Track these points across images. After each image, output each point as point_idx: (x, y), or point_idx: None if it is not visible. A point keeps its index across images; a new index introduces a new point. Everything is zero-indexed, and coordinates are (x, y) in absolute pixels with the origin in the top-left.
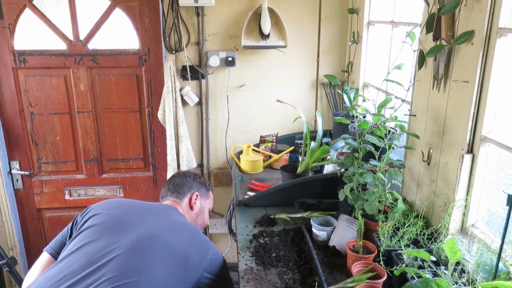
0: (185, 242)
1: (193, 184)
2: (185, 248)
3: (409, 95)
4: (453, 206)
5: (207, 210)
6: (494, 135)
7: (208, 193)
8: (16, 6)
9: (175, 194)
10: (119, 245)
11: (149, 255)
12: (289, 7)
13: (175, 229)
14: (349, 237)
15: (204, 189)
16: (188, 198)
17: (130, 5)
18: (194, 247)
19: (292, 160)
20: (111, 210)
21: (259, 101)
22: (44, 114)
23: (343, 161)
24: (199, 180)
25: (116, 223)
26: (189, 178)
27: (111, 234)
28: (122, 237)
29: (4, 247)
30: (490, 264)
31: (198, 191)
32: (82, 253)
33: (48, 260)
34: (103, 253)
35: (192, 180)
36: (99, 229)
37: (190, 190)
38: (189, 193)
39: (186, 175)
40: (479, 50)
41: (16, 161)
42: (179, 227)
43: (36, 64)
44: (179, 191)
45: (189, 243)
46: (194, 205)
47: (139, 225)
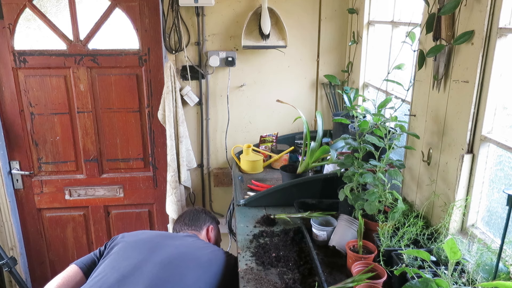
0: (208, 254)
1: (207, 218)
2: (209, 258)
3: (409, 95)
4: (453, 206)
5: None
6: (494, 135)
7: (218, 227)
8: (16, 6)
9: (193, 227)
10: (150, 261)
11: (179, 267)
12: (289, 7)
13: (197, 246)
14: (349, 237)
15: (215, 223)
16: (205, 231)
17: (130, 5)
18: (218, 256)
19: (292, 160)
20: (138, 235)
21: (259, 101)
22: (44, 114)
23: (343, 161)
24: (210, 214)
25: (144, 244)
26: (202, 213)
27: (141, 252)
28: (152, 254)
29: (4, 247)
30: (490, 264)
31: (211, 224)
32: (116, 269)
33: (75, 272)
34: (136, 268)
35: (205, 214)
36: (130, 249)
37: (206, 224)
38: (205, 226)
39: (199, 211)
40: (479, 50)
41: (16, 161)
42: (202, 245)
43: (36, 64)
44: (196, 224)
45: (212, 255)
46: (211, 237)
47: (166, 245)
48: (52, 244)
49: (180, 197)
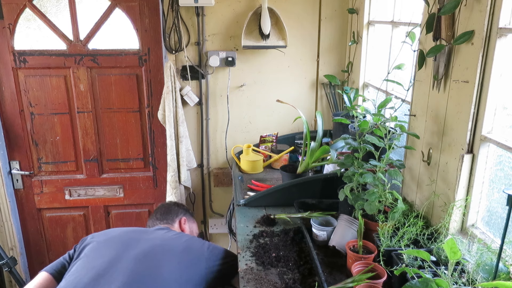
0: (183, 243)
1: (179, 210)
2: (184, 248)
3: (409, 95)
4: (453, 206)
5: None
6: (494, 135)
7: (193, 218)
8: (16, 6)
9: (165, 221)
10: (124, 257)
11: (154, 260)
12: (289, 7)
13: (170, 237)
14: (349, 237)
15: (189, 214)
16: (178, 223)
17: (130, 5)
18: (192, 245)
19: (292, 160)
20: (109, 233)
21: (259, 101)
22: (44, 114)
23: (343, 161)
24: (182, 207)
25: (117, 241)
26: (173, 206)
27: (114, 249)
28: (126, 250)
29: (4, 247)
30: (490, 264)
31: (184, 215)
32: (90, 268)
33: (46, 279)
34: (111, 265)
35: (177, 207)
36: (102, 247)
37: (178, 216)
38: (177, 218)
39: (170, 204)
40: (479, 50)
41: (16, 161)
42: (175, 235)
43: (36, 64)
44: (167, 217)
45: (187, 244)
46: (184, 229)
47: (139, 240)
48: (52, 244)
49: (180, 197)
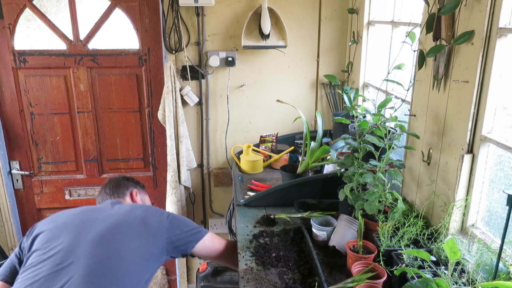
0: (140, 216)
1: (128, 184)
2: (141, 220)
3: (409, 95)
4: (453, 206)
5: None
6: (494, 135)
7: (144, 190)
8: (16, 6)
9: (115, 195)
10: (81, 242)
11: (113, 241)
12: (289, 7)
13: (125, 211)
14: (349, 237)
15: (140, 187)
16: (129, 196)
17: (130, 5)
18: (149, 216)
19: (292, 160)
20: (57, 219)
21: (259, 101)
22: (44, 114)
23: (343, 161)
24: (132, 180)
25: (68, 227)
26: (122, 180)
27: (68, 236)
28: (81, 235)
29: (4, 247)
30: (490, 264)
31: (135, 188)
32: (47, 261)
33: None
34: (68, 253)
35: (126, 180)
36: (54, 237)
37: (128, 189)
38: (128, 191)
39: (119, 178)
40: (479, 50)
41: (16, 161)
42: (130, 208)
43: (36, 64)
44: (118, 191)
45: (144, 214)
46: (136, 201)
47: (92, 221)
48: None
49: (180, 197)
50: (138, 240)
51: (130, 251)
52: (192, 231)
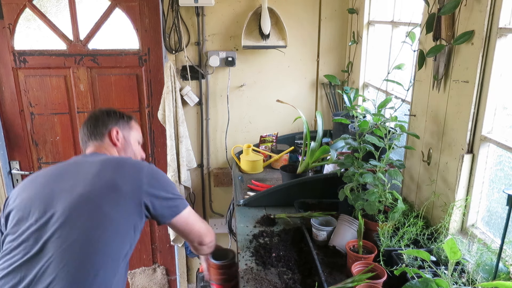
0: (109, 180)
1: (106, 121)
2: (112, 187)
3: (409, 95)
4: (453, 206)
5: (136, 142)
6: (494, 135)
7: (129, 124)
8: (16, 6)
9: (93, 137)
10: (47, 226)
11: (79, 221)
12: (289, 7)
13: (93, 176)
14: (349, 237)
15: (123, 121)
16: (108, 136)
17: (130, 5)
18: (121, 179)
19: (292, 160)
20: (24, 192)
21: (259, 101)
22: (44, 114)
23: (343, 161)
24: (114, 114)
25: (33, 203)
26: (103, 115)
27: (35, 217)
28: (45, 216)
29: None
30: (490, 264)
31: (116, 125)
32: (17, 250)
33: None
34: (37, 240)
35: (106, 116)
36: (21, 219)
37: (107, 127)
38: (106, 130)
39: (97, 114)
40: (479, 50)
41: (16, 161)
42: (98, 169)
43: (36, 64)
44: (96, 132)
45: (114, 177)
46: (116, 141)
47: (57, 197)
48: None
49: None
50: (110, 214)
51: (101, 230)
52: (172, 201)
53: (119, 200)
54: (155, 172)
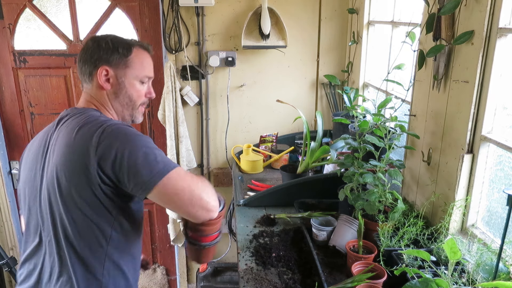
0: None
1: (97, 55)
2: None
3: (409, 95)
4: (453, 206)
5: (134, 83)
6: (494, 135)
7: (126, 60)
8: (16, 6)
9: (82, 77)
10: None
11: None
12: (289, 7)
13: (61, 147)
14: (349, 237)
15: (117, 55)
16: (96, 80)
17: (130, 5)
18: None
19: (292, 160)
20: (21, 170)
21: (259, 101)
22: (44, 114)
23: (343, 161)
24: (106, 46)
25: (25, 182)
26: (93, 47)
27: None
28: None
29: (4, 247)
30: (490, 264)
31: (107, 63)
32: (27, 232)
33: None
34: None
35: (97, 49)
36: (21, 198)
37: (95, 65)
38: (94, 69)
39: (89, 45)
40: (479, 50)
41: (16, 161)
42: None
43: (36, 64)
44: (83, 71)
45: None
46: (104, 83)
47: (37, 180)
48: None
49: None
50: (72, 194)
51: (70, 212)
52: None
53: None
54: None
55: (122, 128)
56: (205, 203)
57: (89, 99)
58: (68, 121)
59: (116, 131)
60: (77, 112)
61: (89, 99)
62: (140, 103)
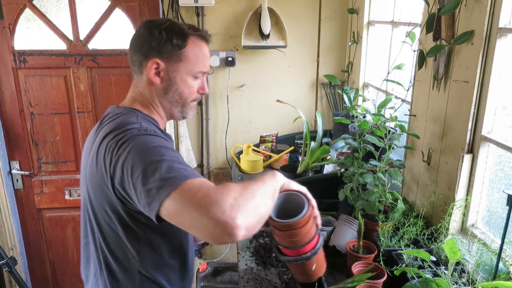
0: (94, 154)
1: (148, 44)
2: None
3: (409, 95)
4: (453, 206)
5: (187, 78)
6: (494, 135)
7: (180, 53)
8: (16, 6)
9: (134, 69)
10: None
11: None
12: (289, 7)
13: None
14: (349, 237)
15: (170, 47)
16: (146, 71)
17: (130, 5)
18: (100, 153)
19: (292, 160)
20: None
21: (259, 101)
22: (44, 114)
23: (343, 161)
24: (159, 35)
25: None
26: (145, 34)
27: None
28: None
29: (4, 247)
30: (490, 264)
31: (158, 55)
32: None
33: None
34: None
35: (148, 37)
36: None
37: (146, 56)
38: (144, 60)
39: (141, 31)
40: (479, 50)
41: (16, 161)
42: (97, 138)
43: (36, 64)
44: (133, 60)
45: (96, 150)
46: (154, 77)
47: (83, 168)
48: (52, 244)
49: None
50: (99, 207)
51: (99, 224)
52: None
53: (99, 184)
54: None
55: (133, 140)
56: (214, 224)
57: (135, 95)
58: (105, 124)
59: (127, 143)
60: (115, 114)
61: (136, 95)
62: (191, 100)
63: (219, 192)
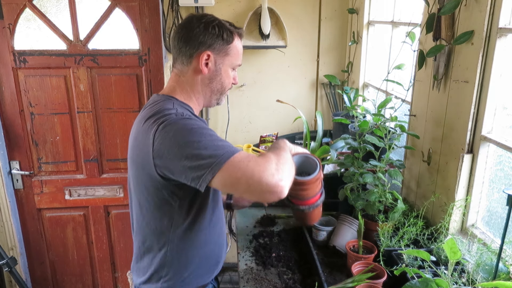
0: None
1: (203, 37)
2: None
3: (409, 95)
4: (453, 206)
5: (228, 69)
6: (494, 135)
7: (227, 48)
8: (16, 6)
9: (179, 57)
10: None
11: (130, 183)
12: (289, 7)
13: (136, 131)
14: (349, 237)
15: (221, 42)
16: (196, 62)
17: (130, 5)
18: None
19: None
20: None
21: (259, 101)
22: (44, 114)
23: (343, 161)
24: (212, 30)
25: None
26: (200, 27)
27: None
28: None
29: (4, 247)
30: (490, 264)
31: (210, 48)
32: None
33: None
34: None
35: (203, 30)
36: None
37: (197, 49)
38: (196, 52)
39: (194, 24)
40: (479, 50)
41: (16, 161)
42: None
43: (36, 64)
44: (184, 51)
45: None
46: (203, 68)
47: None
48: (52, 244)
49: None
50: (138, 176)
51: (136, 192)
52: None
53: (139, 164)
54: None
55: (175, 124)
56: (267, 187)
57: (176, 84)
58: (145, 110)
59: (169, 127)
60: (154, 101)
61: (176, 84)
62: (228, 89)
63: (264, 160)
